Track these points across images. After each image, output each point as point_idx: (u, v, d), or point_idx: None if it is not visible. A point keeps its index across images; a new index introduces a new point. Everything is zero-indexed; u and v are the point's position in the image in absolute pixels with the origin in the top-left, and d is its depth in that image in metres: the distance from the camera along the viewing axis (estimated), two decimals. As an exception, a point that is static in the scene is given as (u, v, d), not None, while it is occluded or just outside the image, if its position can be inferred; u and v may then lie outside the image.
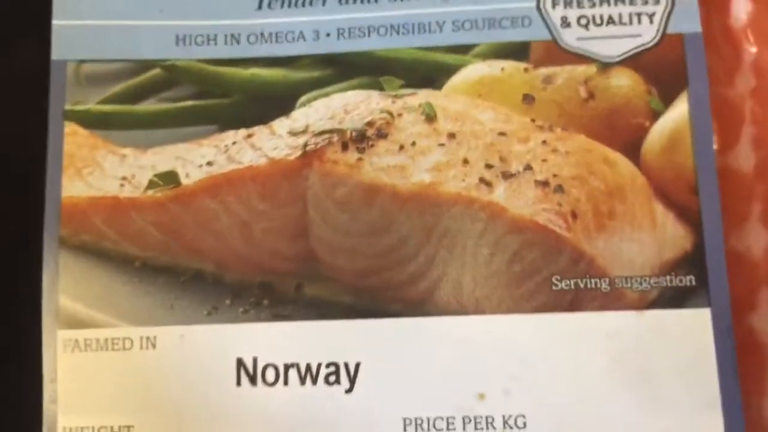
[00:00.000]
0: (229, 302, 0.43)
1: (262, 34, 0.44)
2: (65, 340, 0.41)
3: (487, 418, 0.40)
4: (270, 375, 0.40)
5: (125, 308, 0.42)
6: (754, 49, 0.43)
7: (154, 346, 0.41)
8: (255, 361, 0.40)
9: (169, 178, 0.44)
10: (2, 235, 0.45)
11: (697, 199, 0.41)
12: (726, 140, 0.43)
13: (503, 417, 0.39)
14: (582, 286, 0.41)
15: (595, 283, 0.41)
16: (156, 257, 0.44)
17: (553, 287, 0.41)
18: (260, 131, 0.45)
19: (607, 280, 0.40)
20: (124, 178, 0.44)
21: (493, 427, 0.39)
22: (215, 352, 0.41)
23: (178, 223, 0.44)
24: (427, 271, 0.42)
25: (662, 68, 0.43)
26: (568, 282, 0.41)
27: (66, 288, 0.42)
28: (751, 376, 0.41)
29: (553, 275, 0.41)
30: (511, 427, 0.39)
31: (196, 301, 0.43)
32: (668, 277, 0.41)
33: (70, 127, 0.44)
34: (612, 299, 0.41)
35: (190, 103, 0.46)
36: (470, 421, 0.40)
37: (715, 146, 0.42)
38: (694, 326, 0.40)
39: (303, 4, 0.44)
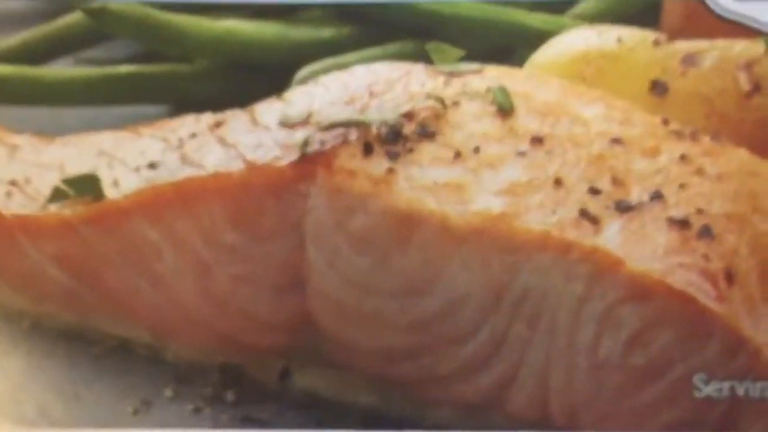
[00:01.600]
0: (171, 394, 0.36)
1: None
2: None
3: None
4: None
5: (5, 398, 0.35)
6: None
7: None
8: None
9: (86, 185, 0.37)
10: None
11: None
12: None
13: None
14: (741, 392, 0.33)
15: (763, 390, 0.33)
16: (56, 314, 0.38)
17: (696, 393, 0.33)
18: (235, 119, 0.38)
19: None
20: (12, 183, 0.38)
21: None
22: None
23: (96, 260, 0.37)
24: (493, 356, 0.34)
25: None
26: (719, 386, 0.32)
27: None
28: None
29: (696, 373, 0.33)
30: None
31: (117, 390, 0.35)
32: None
33: None
34: None
35: (125, 68, 0.41)
36: None
37: None
38: None
39: None
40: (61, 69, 0.42)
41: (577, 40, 0.41)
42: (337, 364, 0.37)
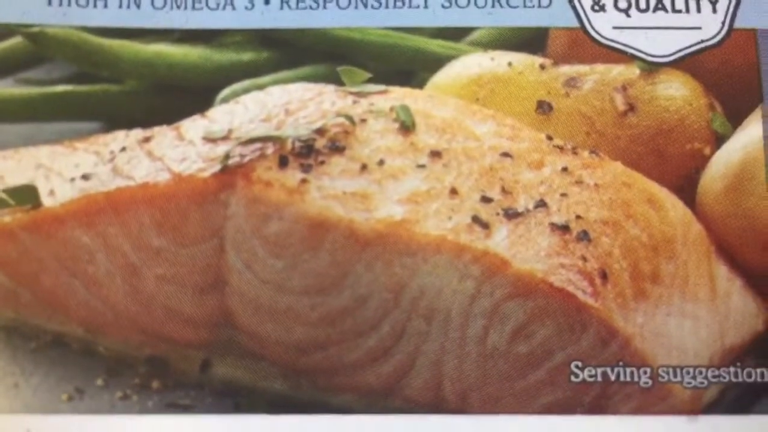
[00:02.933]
0: (102, 383, 0.39)
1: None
2: None
3: None
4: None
5: None
6: None
7: None
8: None
9: (25, 195, 0.40)
10: None
11: None
12: None
13: None
14: (612, 377, 0.37)
15: (632, 375, 0.37)
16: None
17: (572, 378, 0.37)
18: (162, 134, 0.42)
19: (648, 371, 0.37)
20: None
21: None
22: None
23: (34, 263, 0.40)
24: (393, 347, 0.38)
25: (729, 75, 0.43)
26: (593, 371, 0.37)
27: None
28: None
29: (573, 361, 0.37)
30: None
31: (53, 380, 0.38)
32: (732, 370, 0.38)
33: None
34: (654, 398, 0.38)
35: (62, 87, 0.44)
36: None
37: None
38: None
39: None
40: (2, 88, 0.45)
41: (472, 64, 0.44)
42: (252, 355, 0.40)
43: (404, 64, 0.45)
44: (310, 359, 0.39)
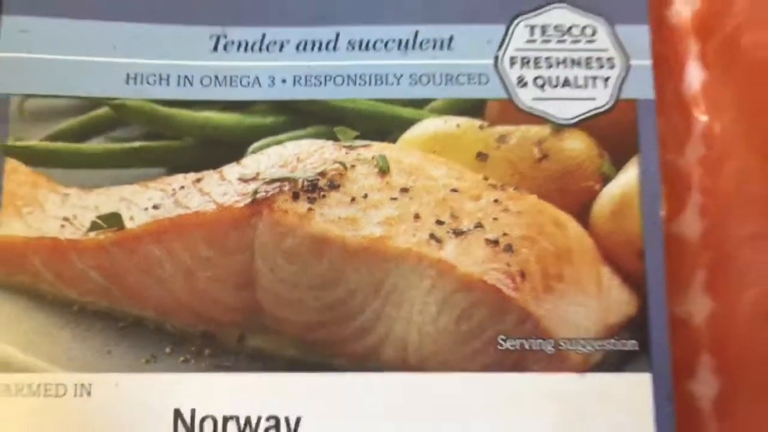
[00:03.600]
0: (169, 351, 0.45)
1: (216, 77, 0.47)
2: (-5, 384, 0.43)
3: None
4: (208, 427, 0.43)
5: (60, 353, 0.44)
6: (704, 118, 0.48)
7: (89, 393, 0.43)
8: (193, 412, 0.43)
9: (113, 220, 0.46)
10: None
11: (642, 264, 0.45)
12: (673, 207, 0.47)
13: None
14: (527, 346, 0.44)
15: (540, 345, 0.44)
16: (95, 302, 0.47)
17: (499, 347, 0.44)
18: (209, 176, 0.47)
19: (552, 341, 0.44)
20: (65, 219, 0.47)
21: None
22: (152, 402, 0.43)
23: (120, 268, 0.46)
24: (373, 327, 0.45)
25: (615, 133, 0.47)
26: (513, 342, 0.44)
27: (5, 332, 0.44)
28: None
29: (499, 335, 0.44)
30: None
31: (135, 349, 0.45)
32: (612, 341, 0.44)
33: (10, 164, 0.47)
34: (556, 361, 0.44)
35: (138, 144, 0.49)
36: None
37: (662, 213, 0.46)
38: (634, 390, 0.44)
39: (260, 49, 0.48)
40: (95, 144, 0.50)
41: (431, 125, 0.49)
42: (275, 332, 0.46)
43: (383, 126, 0.49)
44: (316, 335, 0.46)
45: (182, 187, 0.47)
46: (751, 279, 0.46)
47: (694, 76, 0.48)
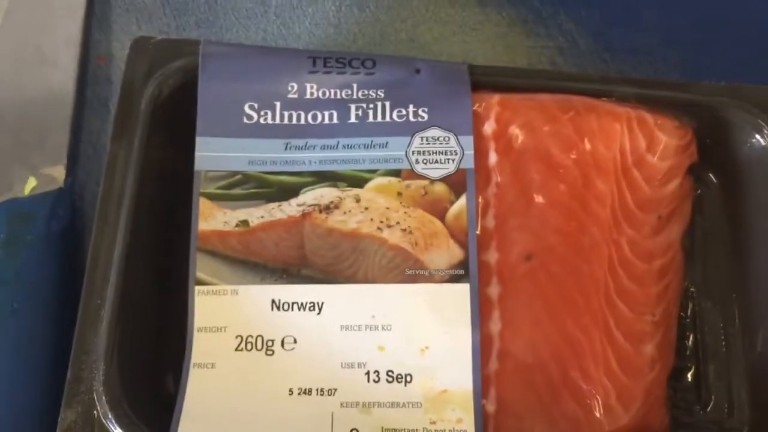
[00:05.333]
0: (269, 275, 0.76)
1: (286, 161, 0.78)
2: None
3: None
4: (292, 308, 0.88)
5: (228, 276, 0.75)
6: (497, 178, 0.80)
7: (236, 293, 0.74)
8: (280, 300, 0.81)
9: (245, 222, 0.77)
10: (169, 248, 0.80)
11: (467, 239, 0.77)
12: (482, 214, 0.79)
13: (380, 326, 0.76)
14: (418, 273, 0.76)
15: (423, 272, 0.76)
16: (242, 257, 0.77)
17: (406, 273, 0.76)
18: (285, 203, 0.78)
19: (428, 270, 0.76)
20: (225, 222, 0.76)
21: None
22: (261, 297, 0.75)
23: (249, 243, 0.77)
24: (352, 266, 0.76)
25: (457, 183, 0.77)
26: (412, 271, 0.76)
27: (203, 268, 0.74)
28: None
29: (407, 268, 0.76)
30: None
31: (252, 273, 0.76)
32: (453, 270, 0.76)
33: (203, 201, 0.76)
34: (430, 278, 0.75)
35: (254, 190, 0.78)
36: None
37: (476, 216, 0.78)
38: (460, 292, 0.76)
39: (305, 148, 0.79)
40: (238, 190, 0.77)
41: (378, 181, 0.78)
42: (312, 268, 0.77)
43: (358, 182, 0.77)
44: (330, 269, 0.76)
45: (273, 208, 0.77)
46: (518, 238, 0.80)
47: (492, 158, 0.80)
